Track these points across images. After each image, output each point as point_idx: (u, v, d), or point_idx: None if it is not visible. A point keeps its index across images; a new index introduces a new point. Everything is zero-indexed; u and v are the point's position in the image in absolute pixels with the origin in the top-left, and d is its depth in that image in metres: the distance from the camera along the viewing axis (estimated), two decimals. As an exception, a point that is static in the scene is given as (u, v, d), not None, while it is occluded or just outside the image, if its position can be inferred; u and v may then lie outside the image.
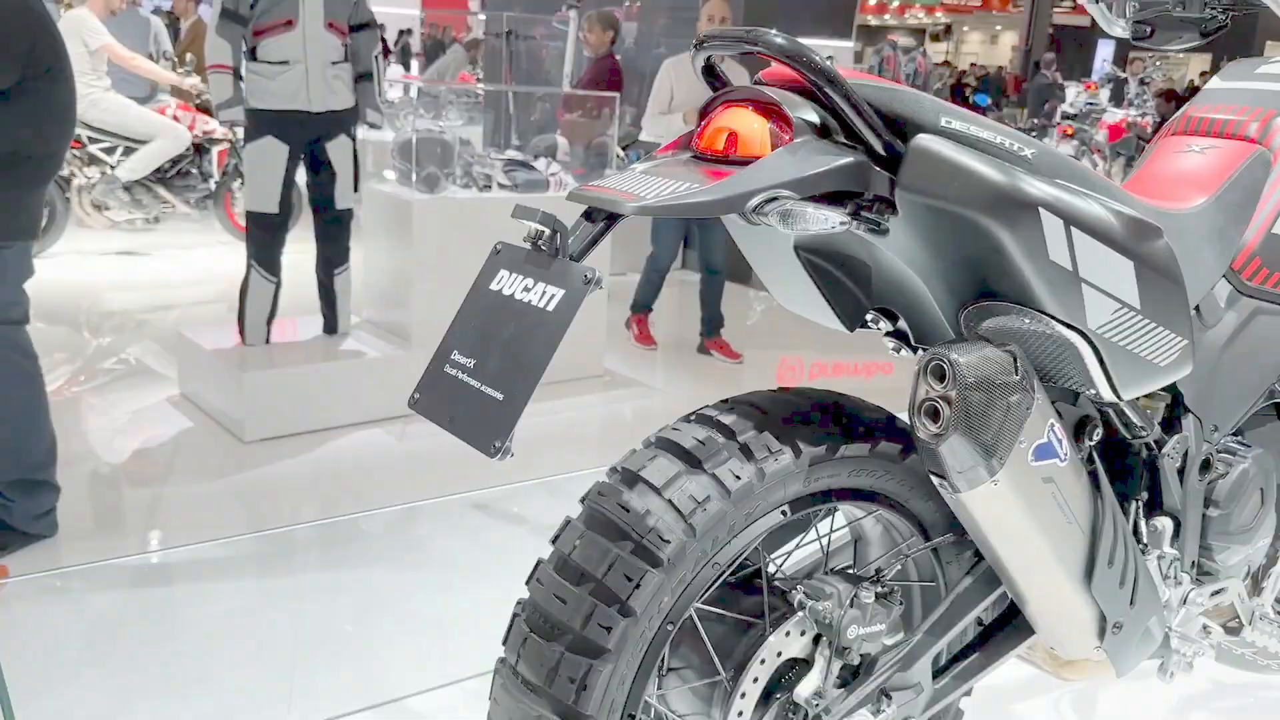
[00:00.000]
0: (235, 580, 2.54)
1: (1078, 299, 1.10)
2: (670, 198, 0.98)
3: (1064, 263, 1.07)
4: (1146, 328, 1.15)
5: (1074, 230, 1.07)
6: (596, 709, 1.05)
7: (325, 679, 2.07)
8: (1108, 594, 1.25)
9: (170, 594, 2.47)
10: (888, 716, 1.22)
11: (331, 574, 2.63)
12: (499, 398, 0.99)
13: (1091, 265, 1.09)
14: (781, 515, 1.16)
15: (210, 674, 2.08)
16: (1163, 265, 1.15)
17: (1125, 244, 1.11)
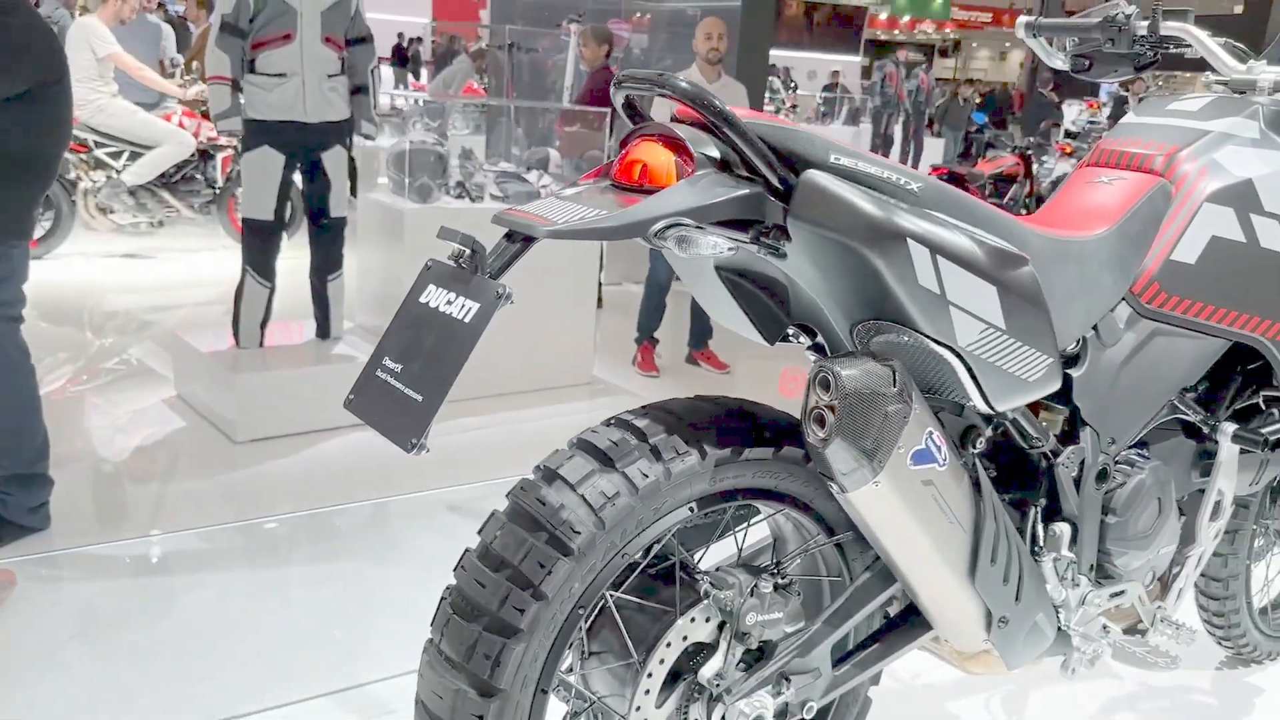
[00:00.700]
0: (210, 571, 2.65)
1: (947, 320, 1.21)
2: (580, 223, 1.09)
3: (932, 287, 1.18)
4: (1013, 346, 1.26)
5: (939, 258, 1.18)
6: (509, 683, 1.15)
7: (294, 665, 2.18)
8: (991, 590, 1.35)
9: (150, 582, 2.57)
10: (786, 698, 1.32)
11: (308, 567, 2.73)
12: (419, 399, 1.10)
13: (957, 289, 1.20)
14: (689, 511, 1.26)
15: (183, 658, 2.19)
16: (1026, 290, 1.25)
17: (988, 271, 1.22)
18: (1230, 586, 2.14)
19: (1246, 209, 1.58)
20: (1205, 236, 1.56)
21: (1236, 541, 2.10)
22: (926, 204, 1.23)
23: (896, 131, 14.04)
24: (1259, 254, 1.59)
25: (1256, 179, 1.59)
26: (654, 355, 5.00)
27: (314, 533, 2.99)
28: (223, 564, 2.72)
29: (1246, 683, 2.28)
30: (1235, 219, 1.58)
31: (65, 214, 6.18)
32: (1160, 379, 1.57)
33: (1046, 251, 1.37)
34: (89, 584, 2.54)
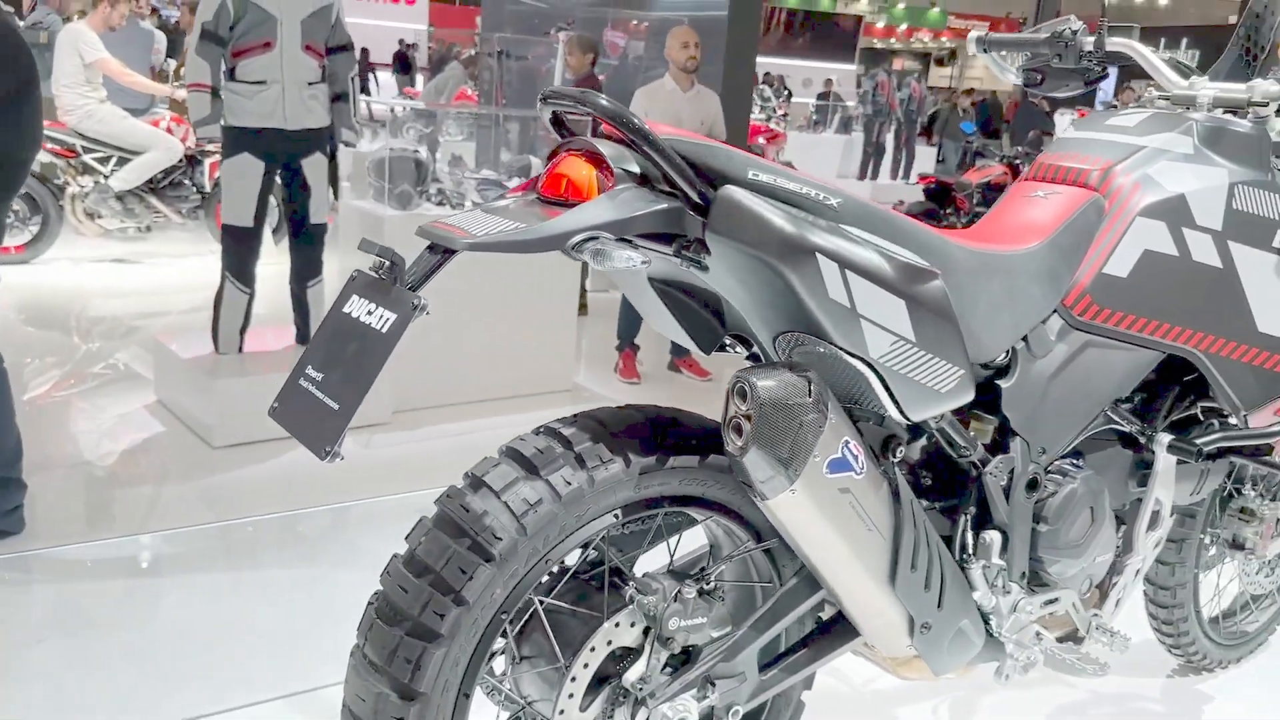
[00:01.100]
0: (179, 574, 2.67)
1: (858, 332, 1.23)
2: (499, 235, 1.12)
3: (842, 300, 1.21)
4: (924, 358, 1.29)
5: (848, 273, 1.21)
6: (430, 687, 1.18)
7: (257, 668, 2.20)
8: (912, 596, 1.37)
9: (119, 584, 2.59)
10: (710, 702, 1.34)
11: (278, 570, 2.75)
12: (335, 407, 1.13)
13: (867, 303, 1.23)
14: (614, 518, 1.29)
15: (148, 660, 2.21)
16: (935, 304, 1.28)
17: (897, 285, 1.25)
18: (1178, 595, 2.16)
19: (1179, 223, 1.61)
20: (1138, 250, 1.59)
21: (1184, 550, 2.13)
22: (846, 219, 1.26)
23: (889, 140, 14.08)
24: (1191, 267, 1.62)
25: (1189, 194, 1.62)
26: (635, 362, 5.02)
27: (285, 536, 3.01)
28: (192, 567, 2.74)
29: (1196, 690, 2.30)
30: (1168, 233, 1.60)
31: (53, 219, 6.21)
32: (1092, 390, 1.59)
33: (970, 265, 1.40)
34: (59, 585, 2.56)
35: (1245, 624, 2.43)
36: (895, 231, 1.31)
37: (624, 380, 4.97)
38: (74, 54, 5.96)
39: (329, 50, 4.05)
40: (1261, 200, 1.67)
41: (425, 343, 4.21)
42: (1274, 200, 1.68)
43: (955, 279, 1.37)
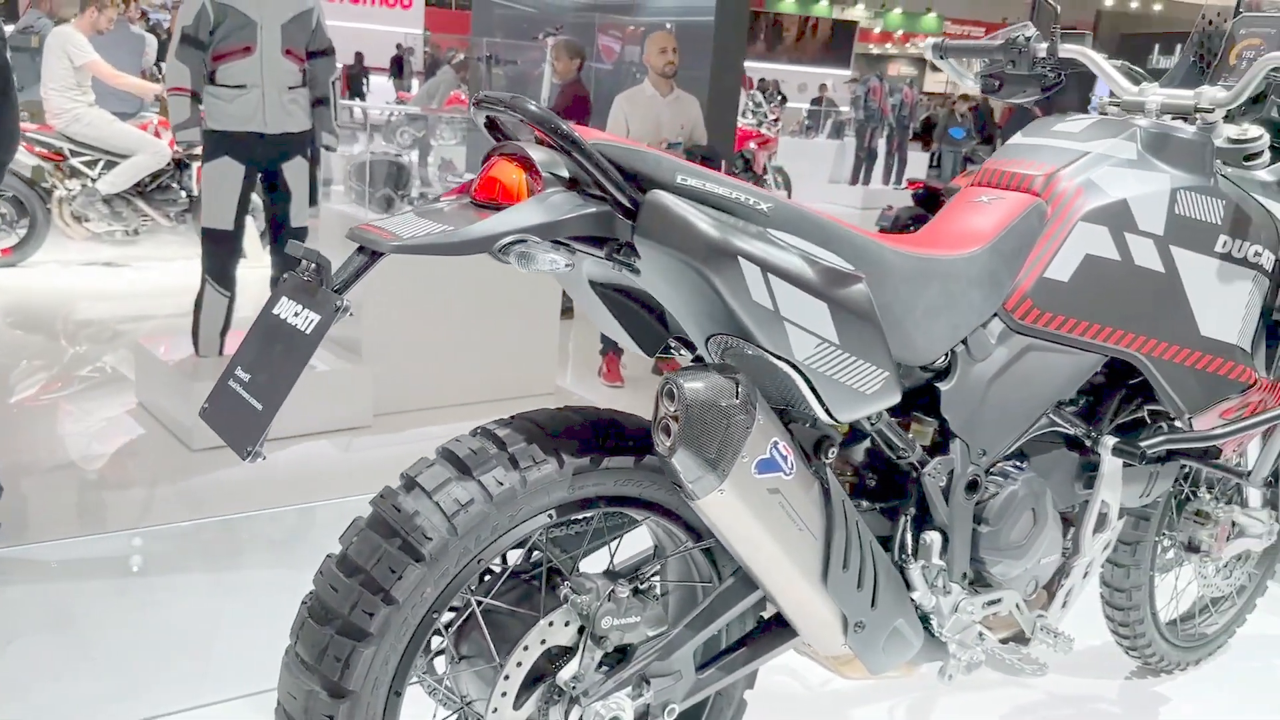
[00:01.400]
0: (148, 573, 2.68)
1: (782, 334, 1.25)
2: (426, 238, 1.14)
3: (765, 303, 1.23)
4: (848, 360, 1.30)
5: (771, 276, 1.22)
6: (359, 685, 1.19)
7: (223, 665, 2.20)
8: (845, 595, 1.39)
9: (87, 583, 2.60)
10: (646, 700, 1.36)
11: (246, 571, 2.76)
12: (258, 408, 1.14)
13: (790, 306, 1.24)
14: (548, 518, 1.30)
15: (116, 655, 2.22)
16: (858, 307, 1.30)
17: (820, 288, 1.26)
18: (1134, 597, 2.18)
19: (1121, 228, 1.63)
20: (1079, 255, 1.60)
21: (1138, 553, 2.14)
22: (776, 224, 1.28)
23: (880, 145, 14.12)
24: (1133, 272, 1.64)
25: (1131, 199, 1.64)
26: (619, 366, 5.04)
27: (260, 536, 3.02)
28: (168, 565, 2.75)
29: (1153, 692, 2.32)
30: (1110, 238, 1.62)
31: (41, 222, 6.23)
32: (1033, 393, 1.61)
33: (906, 269, 1.42)
34: (32, 585, 2.57)
35: (1204, 626, 2.45)
36: (828, 236, 1.32)
37: (607, 384, 4.98)
38: (63, 57, 5.98)
39: (309, 55, 4.07)
40: (1204, 205, 1.69)
41: (407, 346, 4.23)
42: (1216, 205, 1.70)
43: (889, 283, 1.39)
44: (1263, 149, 1.85)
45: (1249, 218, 1.74)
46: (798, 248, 1.27)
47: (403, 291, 4.24)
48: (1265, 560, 2.49)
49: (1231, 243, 1.72)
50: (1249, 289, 1.76)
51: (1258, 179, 1.84)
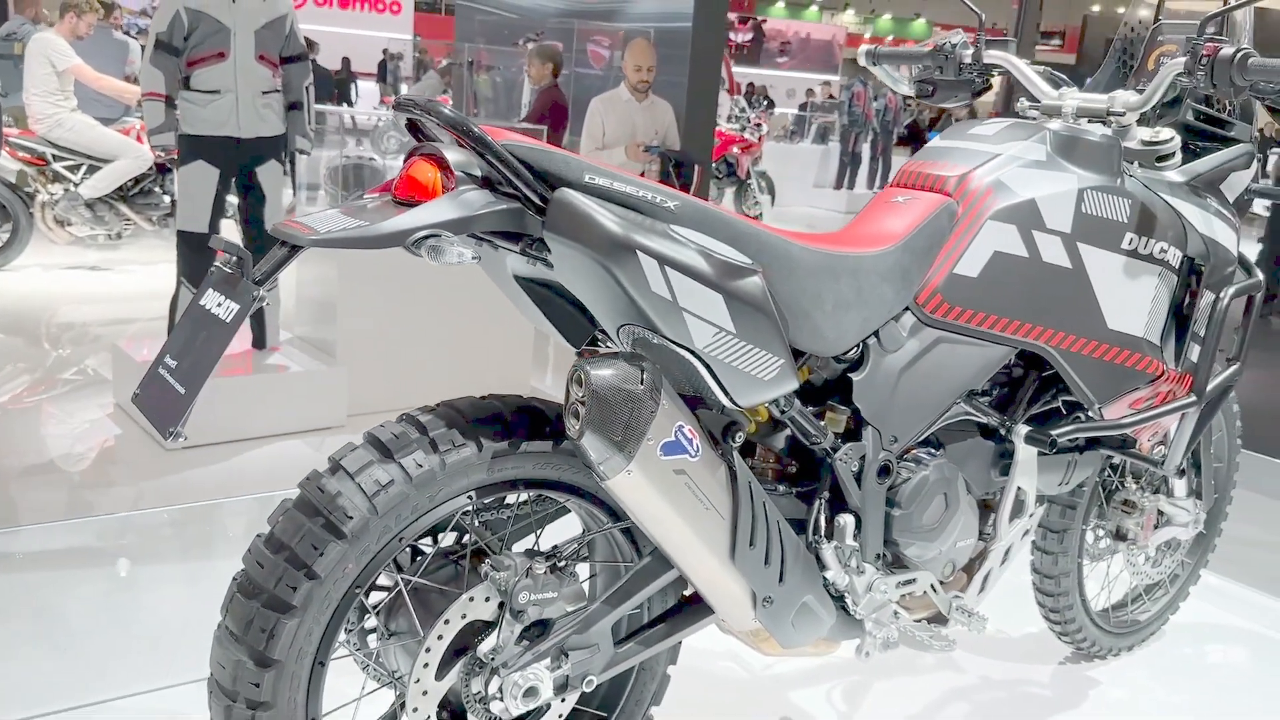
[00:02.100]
0: (113, 559, 2.75)
1: (681, 324, 1.33)
2: (342, 233, 1.21)
3: (664, 294, 1.30)
4: (744, 348, 1.38)
5: (668, 269, 1.30)
6: (284, 655, 1.26)
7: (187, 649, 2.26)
8: (752, 571, 1.46)
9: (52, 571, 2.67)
10: (564, 671, 1.43)
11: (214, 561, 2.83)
12: (181, 391, 1.22)
13: (688, 297, 1.32)
14: (468, 499, 1.38)
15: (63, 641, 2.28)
16: (752, 298, 1.37)
17: (714, 281, 1.34)
18: (1062, 584, 2.26)
19: (1029, 226, 1.71)
20: (988, 251, 1.68)
21: (1065, 540, 2.22)
22: (682, 221, 1.35)
23: (865, 150, 14.23)
24: (1041, 268, 1.72)
25: (1039, 198, 1.72)
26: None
27: (228, 526, 3.09)
28: (132, 552, 2.81)
29: (1085, 676, 2.39)
30: (1018, 235, 1.70)
31: (23, 226, 6.29)
32: (943, 383, 1.68)
33: (814, 265, 1.49)
34: None
35: (1137, 614, 2.52)
36: (733, 233, 1.40)
37: None
38: (45, 63, 6.04)
39: (283, 60, 4.15)
40: (1110, 204, 1.77)
41: (380, 347, 4.29)
42: (1123, 204, 1.78)
43: (795, 278, 1.46)
44: (1174, 151, 1.93)
45: (1156, 216, 1.82)
46: (697, 243, 1.35)
47: (376, 294, 4.31)
48: (1197, 549, 2.57)
49: (1138, 240, 1.80)
50: (1155, 284, 1.84)
51: (1168, 180, 1.92)
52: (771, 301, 1.39)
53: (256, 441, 3.92)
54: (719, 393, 1.39)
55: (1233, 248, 1.97)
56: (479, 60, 8.28)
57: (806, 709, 2.15)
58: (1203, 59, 1.75)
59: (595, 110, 5.33)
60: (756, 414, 1.61)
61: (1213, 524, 2.56)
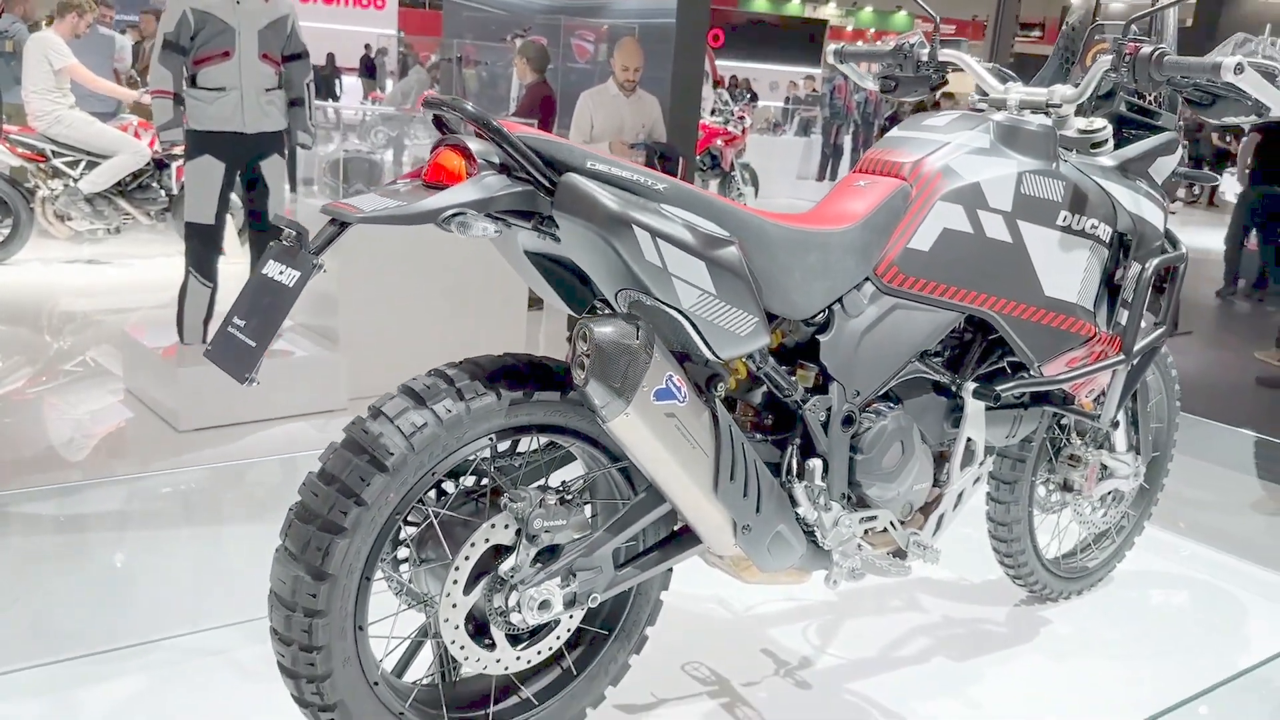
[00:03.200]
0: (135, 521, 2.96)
1: (670, 287, 1.55)
2: (384, 211, 1.44)
3: (656, 262, 1.53)
4: (724, 308, 1.60)
5: (659, 240, 1.53)
6: (337, 569, 1.48)
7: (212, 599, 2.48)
8: (732, 501, 1.69)
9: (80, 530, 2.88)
10: (573, 589, 1.66)
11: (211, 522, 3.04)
12: (253, 344, 1.43)
13: (676, 264, 1.54)
14: (489, 441, 1.60)
15: (120, 586, 2.49)
16: (730, 265, 1.60)
17: (698, 250, 1.57)
18: (1014, 530, 2.50)
19: (974, 206, 1.94)
20: (939, 228, 1.91)
21: (1016, 491, 2.46)
22: (670, 201, 1.58)
23: (846, 142, 14.49)
24: (985, 242, 1.95)
25: (984, 181, 1.95)
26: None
27: (248, 490, 3.29)
28: (153, 515, 3.02)
29: (1038, 616, 2.64)
30: (964, 214, 1.93)
31: (24, 221, 6.45)
32: (899, 344, 1.92)
33: (785, 240, 1.72)
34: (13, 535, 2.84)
35: (1086, 561, 2.78)
36: (714, 211, 1.63)
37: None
38: (43, 61, 6.20)
39: (285, 58, 4.35)
40: (1047, 186, 2.01)
41: (379, 334, 4.50)
42: (1058, 186, 2.02)
43: (768, 250, 1.69)
44: (1106, 139, 2.18)
45: (1087, 196, 2.06)
46: (683, 219, 1.57)
47: (376, 282, 4.52)
48: (1140, 503, 2.82)
49: (1071, 217, 2.04)
50: (1088, 256, 2.08)
51: (1100, 164, 2.16)
52: (747, 268, 1.62)
53: (263, 424, 4.13)
54: (703, 346, 1.62)
55: (1159, 224, 2.21)
56: (467, 55, 8.47)
57: (785, 643, 2.39)
58: (1126, 56, 1.99)
59: (584, 104, 5.54)
60: (736, 372, 1.84)
61: (1154, 479, 2.82)
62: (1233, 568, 3.06)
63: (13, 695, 2.01)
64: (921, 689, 2.25)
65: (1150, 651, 2.54)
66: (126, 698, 2.04)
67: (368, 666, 1.58)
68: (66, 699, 2.03)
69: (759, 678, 2.24)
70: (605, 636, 1.86)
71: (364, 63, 19.27)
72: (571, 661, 1.84)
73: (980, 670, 2.36)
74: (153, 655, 2.21)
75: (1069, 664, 2.43)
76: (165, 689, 2.09)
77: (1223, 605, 2.84)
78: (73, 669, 2.13)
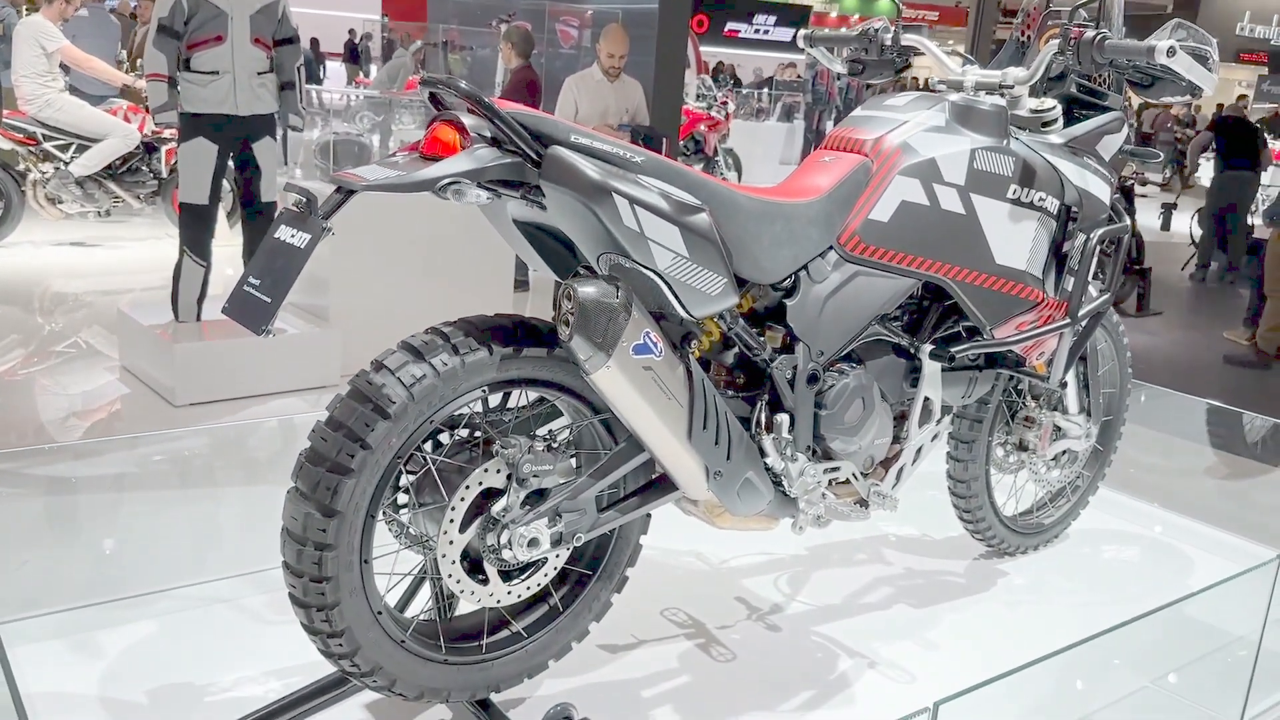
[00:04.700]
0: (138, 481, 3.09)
1: (647, 250, 1.70)
2: (386, 179, 1.58)
3: (634, 227, 1.67)
4: (696, 270, 1.75)
5: (637, 207, 1.67)
6: (344, 507, 1.63)
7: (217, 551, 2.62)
8: (705, 448, 1.84)
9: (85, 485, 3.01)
10: (559, 529, 1.80)
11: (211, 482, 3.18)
12: (268, 301, 1.57)
13: (653, 229, 1.69)
14: (482, 392, 1.75)
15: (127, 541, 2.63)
16: (702, 230, 1.75)
17: (672, 216, 1.71)
18: (972, 488, 2.66)
19: (930, 179, 2.09)
20: (897, 200, 2.07)
21: (974, 450, 2.63)
22: (647, 171, 1.73)
23: (829, 127, 14.63)
24: (940, 214, 2.11)
25: (939, 157, 2.11)
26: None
27: (233, 451, 3.42)
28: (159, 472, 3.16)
29: (995, 569, 2.81)
30: (921, 188, 2.09)
31: (15, 204, 6.54)
32: (860, 308, 2.07)
33: (754, 210, 1.87)
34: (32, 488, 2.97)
35: (1042, 518, 2.95)
36: (688, 182, 1.77)
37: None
38: (34, 45, 6.27)
39: (276, 43, 4.46)
40: (997, 161, 2.16)
41: (370, 311, 4.64)
42: (1008, 162, 2.17)
43: (738, 219, 1.84)
44: (1056, 118, 2.34)
45: (1036, 171, 2.22)
46: (659, 188, 1.72)
47: (367, 261, 4.65)
48: (1094, 464, 2.99)
49: (1020, 190, 2.20)
50: (1036, 227, 2.24)
51: (1049, 141, 2.32)
52: (717, 234, 1.77)
53: (257, 399, 4.27)
54: (677, 305, 1.77)
55: (1105, 198, 2.38)
56: (452, 41, 8.56)
57: (757, 592, 2.55)
58: (1071, 41, 2.15)
59: (569, 88, 5.67)
60: (710, 334, 1.99)
61: (1108, 442, 2.99)
62: (1184, 526, 3.24)
63: (34, 638, 2.15)
64: (883, 632, 2.42)
65: (1100, 600, 2.71)
66: (140, 640, 2.18)
67: (372, 597, 1.73)
68: (84, 641, 2.16)
69: (732, 622, 2.41)
70: (589, 576, 2.01)
71: (348, 48, 19.28)
72: (558, 599, 1.99)
73: (938, 616, 2.53)
74: (161, 604, 2.35)
75: (1022, 610, 2.61)
76: (176, 631, 2.23)
77: (1173, 560, 3.02)
78: (85, 616, 2.27)
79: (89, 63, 6.62)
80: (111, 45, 7.45)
